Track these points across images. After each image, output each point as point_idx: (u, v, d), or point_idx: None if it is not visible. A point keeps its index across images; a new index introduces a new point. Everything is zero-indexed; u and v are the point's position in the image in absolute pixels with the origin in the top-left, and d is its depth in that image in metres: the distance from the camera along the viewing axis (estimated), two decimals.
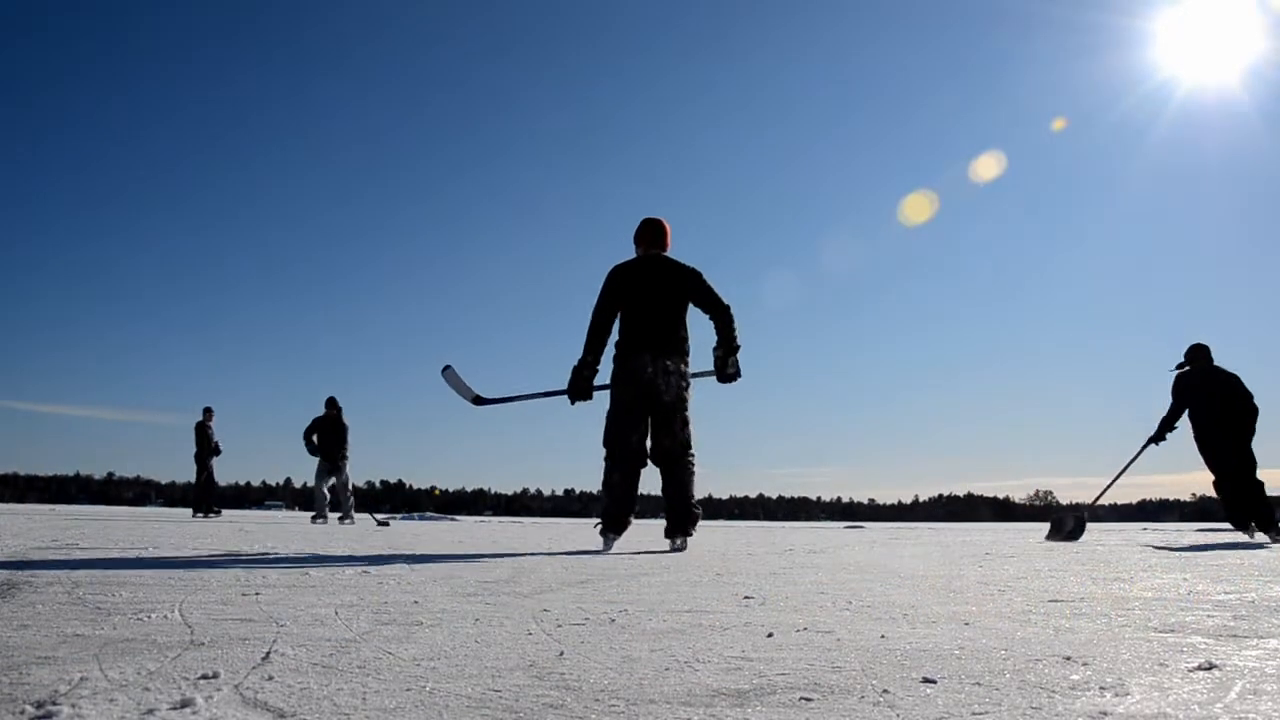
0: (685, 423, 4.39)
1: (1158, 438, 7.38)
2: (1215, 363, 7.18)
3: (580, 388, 4.34)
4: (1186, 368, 7.26)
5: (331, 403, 11.54)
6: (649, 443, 4.39)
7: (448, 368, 4.92)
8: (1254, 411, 7.00)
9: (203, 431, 12.89)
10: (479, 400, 4.88)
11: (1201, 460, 7.16)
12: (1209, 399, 7.01)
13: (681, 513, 4.39)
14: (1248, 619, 1.67)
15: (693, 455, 4.41)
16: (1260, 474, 7.00)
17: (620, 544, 4.50)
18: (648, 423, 4.36)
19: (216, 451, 13.01)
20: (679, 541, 4.40)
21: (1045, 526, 7.99)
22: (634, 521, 4.44)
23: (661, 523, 4.67)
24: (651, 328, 4.32)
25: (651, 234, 4.57)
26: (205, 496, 12.86)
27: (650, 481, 4.47)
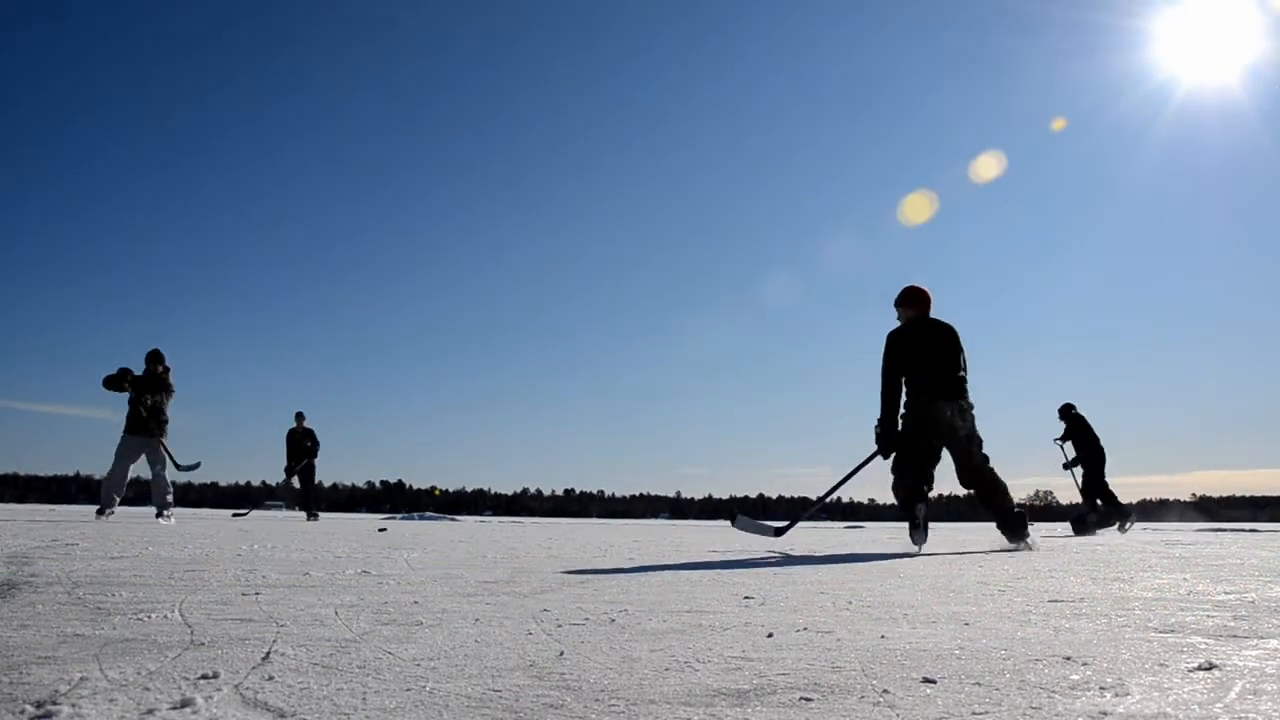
0: (980, 444, 5.10)
1: (1069, 465, 10.66)
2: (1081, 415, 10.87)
3: (892, 441, 4.98)
4: (1070, 421, 10.62)
5: (154, 356, 8.40)
6: (956, 472, 5.12)
7: (736, 516, 5.00)
8: (1102, 450, 10.53)
9: (289, 438, 12.76)
10: (780, 531, 4.91)
11: (1071, 475, 10.63)
12: (1090, 441, 10.49)
13: (1009, 519, 5.05)
14: (1248, 619, 1.67)
15: (992, 467, 5.11)
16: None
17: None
18: (938, 454, 5.09)
19: (310, 452, 12.74)
20: (1021, 544, 5.00)
21: (1051, 526, 9.29)
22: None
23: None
24: (941, 378, 5.03)
25: (918, 300, 5.23)
26: (304, 499, 12.71)
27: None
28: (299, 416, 12.91)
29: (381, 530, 8.77)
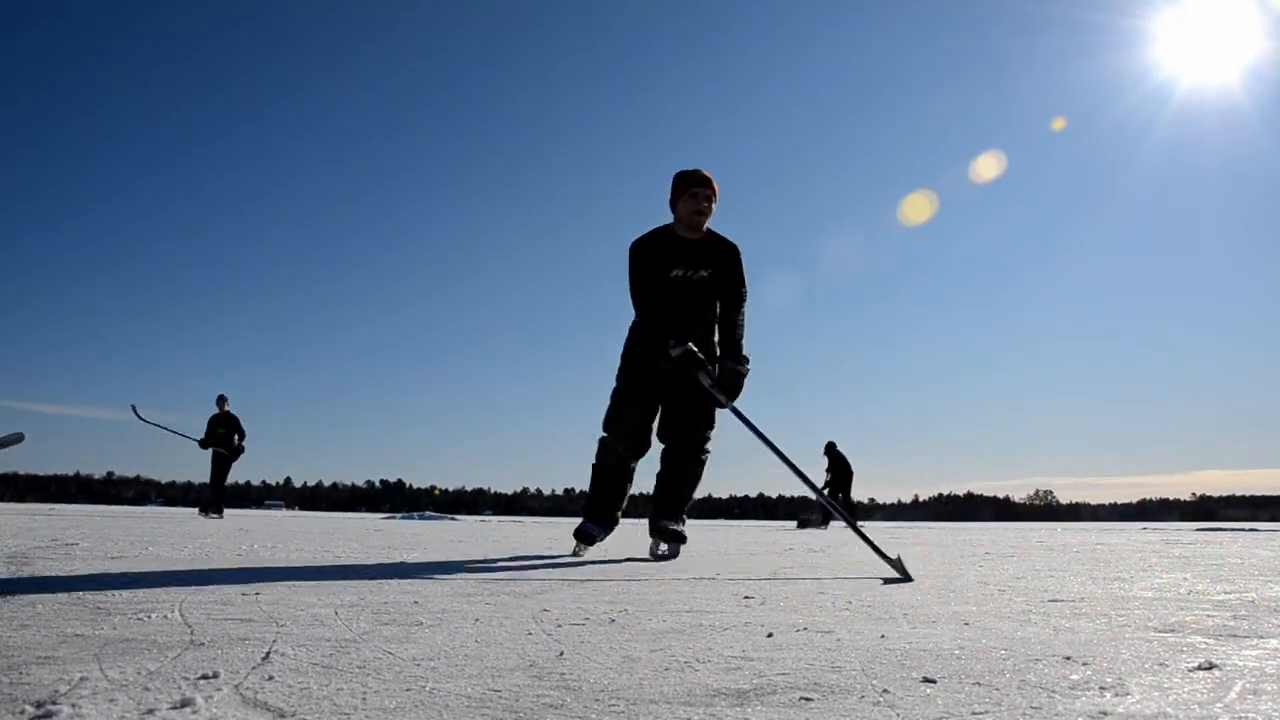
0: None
1: (824, 486, 14.34)
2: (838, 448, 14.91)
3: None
4: (831, 457, 14.71)
5: None
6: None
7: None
8: (852, 474, 14.67)
9: (208, 424, 11.58)
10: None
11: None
12: (842, 466, 14.73)
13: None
14: (1248, 619, 1.67)
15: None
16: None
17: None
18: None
19: (224, 441, 11.53)
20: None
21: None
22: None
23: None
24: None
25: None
26: (211, 493, 11.59)
27: None
28: (220, 400, 11.69)
29: None
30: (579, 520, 3.85)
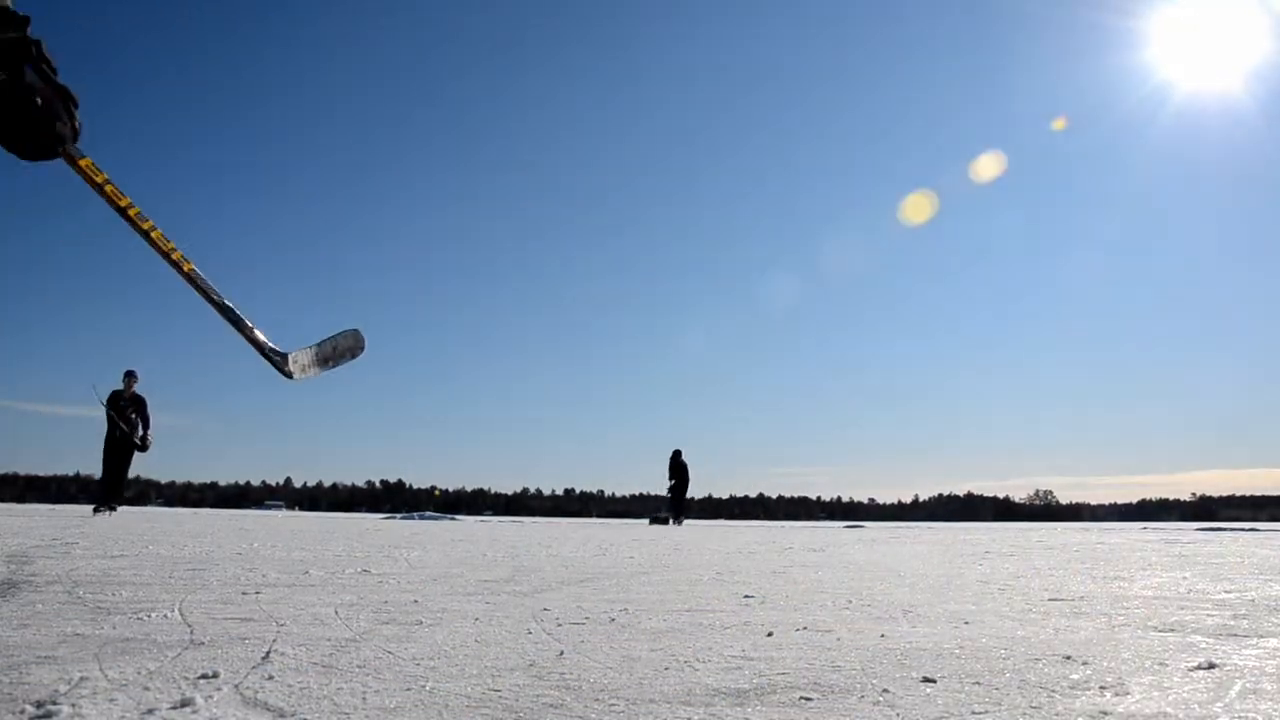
0: None
1: (670, 489, 17.14)
2: (681, 458, 17.26)
3: None
4: (673, 461, 17.14)
5: None
6: None
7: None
8: (687, 478, 17.18)
9: (111, 404, 10.19)
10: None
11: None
12: (682, 473, 17.17)
13: None
14: (1248, 618, 1.67)
15: None
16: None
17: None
18: None
19: (134, 427, 10.09)
20: None
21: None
22: None
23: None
24: None
25: None
26: (111, 483, 10.24)
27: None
28: (129, 376, 10.40)
29: None
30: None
